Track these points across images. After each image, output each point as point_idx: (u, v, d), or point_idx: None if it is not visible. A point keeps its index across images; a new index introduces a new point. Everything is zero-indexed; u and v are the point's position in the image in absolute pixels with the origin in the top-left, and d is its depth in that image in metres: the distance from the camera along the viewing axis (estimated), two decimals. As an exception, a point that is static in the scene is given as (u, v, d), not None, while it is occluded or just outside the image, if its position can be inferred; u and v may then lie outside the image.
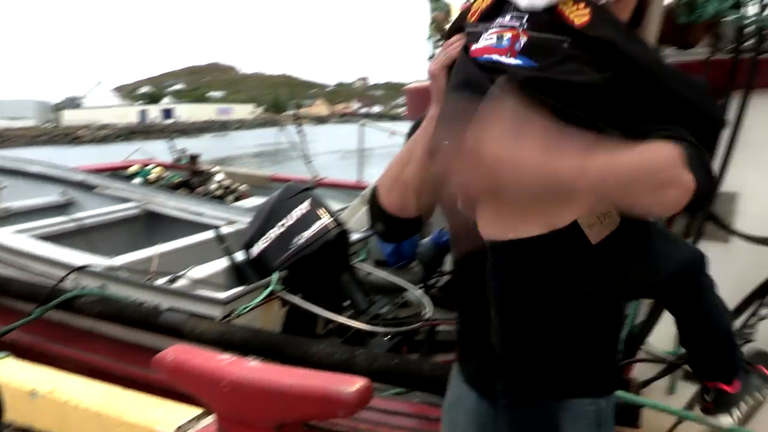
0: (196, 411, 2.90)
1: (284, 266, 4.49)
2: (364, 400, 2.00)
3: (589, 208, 1.28)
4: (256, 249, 4.68)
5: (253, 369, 2.28)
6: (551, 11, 1.35)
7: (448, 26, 4.53)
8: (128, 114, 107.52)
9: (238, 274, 4.77)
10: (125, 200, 6.87)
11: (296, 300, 4.29)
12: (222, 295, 3.96)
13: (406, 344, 4.38)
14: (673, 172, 1.20)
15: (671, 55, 2.52)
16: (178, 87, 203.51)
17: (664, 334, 2.82)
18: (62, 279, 4.35)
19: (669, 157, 1.20)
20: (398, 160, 1.65)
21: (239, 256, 4.83)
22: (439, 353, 4.25)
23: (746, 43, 2.45)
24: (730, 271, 2.72)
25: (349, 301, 4.72)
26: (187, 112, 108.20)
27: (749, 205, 2.73)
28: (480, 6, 1.47)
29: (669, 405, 2.73)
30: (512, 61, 1.34)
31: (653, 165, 1.19)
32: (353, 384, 2.01)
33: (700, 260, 1.77)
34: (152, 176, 9.69)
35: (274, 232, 4.67)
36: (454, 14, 4.21)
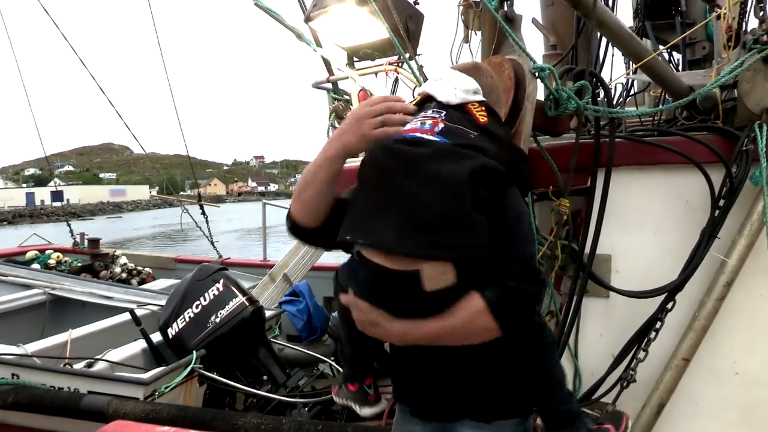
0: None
1: (202, 345, 4.59)
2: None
3: (433, 267, 1.64)
4: (173, 330, 4.75)
5: (192, 438, 2.44)
6: (462, 109, 1.83)
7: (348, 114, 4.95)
8: (14, 197, 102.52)
9: (155, 355, 4.80)
10: (28, 287, 6.74)
11: (216, 377, 4.39)
12: (144, 375, 4.01)
13: (324, 414, 4.53)
14: (476, 326, 1.68)
15: (544, 141, 2.97)
16: (67, 168, 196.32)
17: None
18: (-29, 370, 4.26)
19: (471, 314, 1.67)
20: (301, 182, 1.92)
21: (155, 337, 4.88)
22: (356, 422, 4.43)
23: (604, 130, 2.94)
24: (611, 321, 3.16)
25: (267, 375, 4.84)
26: (78, 194, 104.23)
27: (621, 264, 3.16)
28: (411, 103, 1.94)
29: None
30: (432, 138, 1.73)
31: (454, 327, 1.68)
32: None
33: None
34: (52, 262, 9.36)
35: (190, 313, 4.77)
36: (354, 101, 4.64)
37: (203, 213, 9.93)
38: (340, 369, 5.14)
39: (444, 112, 1.82)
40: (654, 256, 3.11)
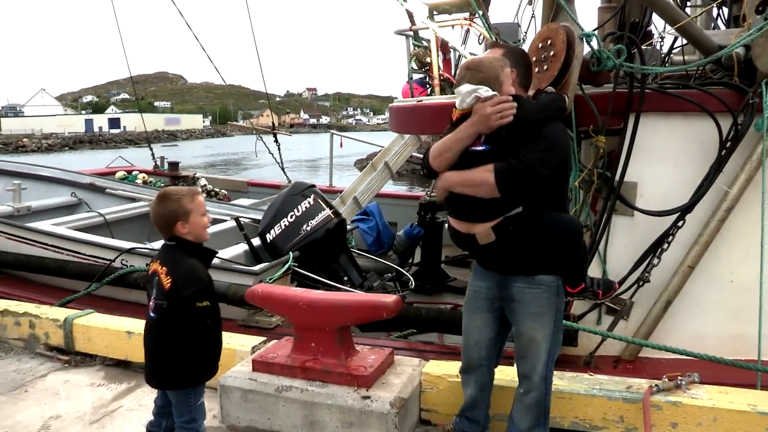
0: (262, 338, 3.99)
1: (295, 249, 5.57)
2: (398, 307, 3.17)
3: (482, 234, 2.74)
4: (271, 235, 5.75)
5: (320, 293, 3.43)
6: None
7: (428, 59, 5.75)
8: (73, 123, 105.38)
9: (254, 255, 5.80)
10: (133, 200, 7.85)
11: (307, 273, 5.37)
12: (256, 267, 5.02)
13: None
14: (480, 180, 2.63)
15: (588, 89, 3.74)
16: (123, 96, 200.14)
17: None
18: (115, 258, 5.33)
19: (482, 174, 2.62)
20: (440, 148, 2.80)
21: (255, 241, 5.88)
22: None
23: (637, 82, 3.70)
24: (634, 235, 3.98)
25: (346, 277, 5.81)
26: (135, 122, 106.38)
27: (645, 189, 3.94)
28: (456, 112, 2.78)
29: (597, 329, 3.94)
30: (480, 147, 2.69)
31: (469, 179, 2.68)
32: (391, 297, 3.18)
33: (578, 225, 2.93)
34: (139, 181, 10.40)
35: (285, 221, 5.74)
36: (434, 50, 5.43)
37: (276, 141, 10.79)
38: (410, 277, 6.10)
39: None
40: (672, 185, 3.88)
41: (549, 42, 3.34)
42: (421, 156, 10.17)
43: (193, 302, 2.68)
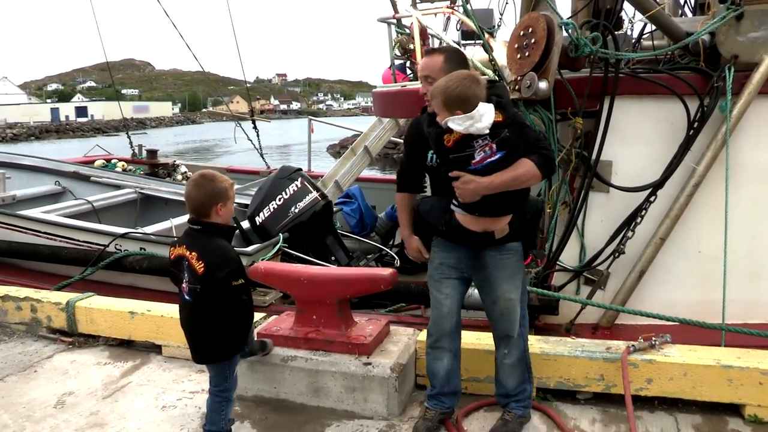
0: (262, 314, 4.20)
1: (284, 230, 5.77)
2: (395, 279, 3.39)
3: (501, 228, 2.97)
4: (260, 218, 5.94)
5: (319, 268, 3.64)
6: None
7: (411, 46, 5.95)
8: (39, 112, 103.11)
9: (244, 238, 5.99)
10: (118, 187, 7.95)
11: (296, 254, 5.58)
12: (248, 248, 5.21)
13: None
14: (531, 173, 2.83)
15: (566, 74, 3.99)
16: (90, 84, 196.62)
17: (571, 254, 4.30)
18: (109, 243, 5.48)
19: (529, 168, 2.82)
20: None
21: (244, 224, 6.06)
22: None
23: (611, 67, 3.96)
24: (609, 210, 4.26)
25: (333, 257, 6.03)
26: (102, 110, 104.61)
27: (620, 167, 4.21)
28: (453, 137, 2.79)
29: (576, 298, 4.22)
30: (496, 157, 2.77)
31: (520, 175, 2.82)
32: (388, 270, 3.40)
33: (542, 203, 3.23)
34: (118, 169, 10.45)
35: (273, 204, 5.94)
36: (416, 37, 5.65)
37: (255, 127, 10.89)
38: (395, 256, 6.35)
39: (487, 135, 2.77)
40: (644, 163, 4.16)
41: (530, 30, 3.58)
42: (400, 141, 10.54)
43: (229, 282, 2.83)
